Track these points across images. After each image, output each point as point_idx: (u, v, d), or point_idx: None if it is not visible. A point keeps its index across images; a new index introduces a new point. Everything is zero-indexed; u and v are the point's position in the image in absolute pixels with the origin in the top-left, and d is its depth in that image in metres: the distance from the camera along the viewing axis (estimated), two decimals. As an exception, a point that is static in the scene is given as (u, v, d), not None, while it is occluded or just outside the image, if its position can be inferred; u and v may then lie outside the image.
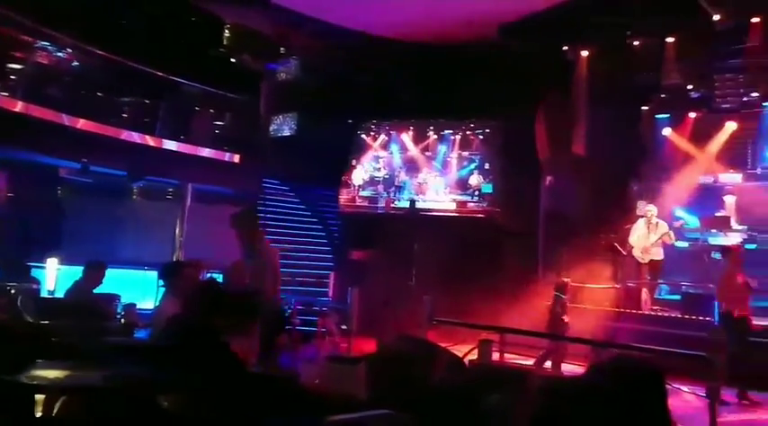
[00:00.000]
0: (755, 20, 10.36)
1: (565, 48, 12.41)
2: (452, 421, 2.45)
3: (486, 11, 11.62)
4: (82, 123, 10.44)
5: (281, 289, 9.88)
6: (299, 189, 14.48)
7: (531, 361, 7.78)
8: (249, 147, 13.15)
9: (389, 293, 11.17)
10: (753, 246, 10.68)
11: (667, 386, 1.75)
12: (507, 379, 2.94)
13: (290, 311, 9.01)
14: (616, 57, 11.93)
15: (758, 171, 12.10)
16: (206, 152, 12.47)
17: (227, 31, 13.79)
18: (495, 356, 6.05)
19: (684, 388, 5.54)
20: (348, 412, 2.25)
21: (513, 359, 6.53)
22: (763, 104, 11.76)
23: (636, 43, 11.62)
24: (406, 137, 15.40)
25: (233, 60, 13.98)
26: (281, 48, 14.71)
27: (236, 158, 12.85)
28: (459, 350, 5.04)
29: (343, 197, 14.75)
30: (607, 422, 1.56)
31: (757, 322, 8.74)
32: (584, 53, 12.37)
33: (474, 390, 2.60)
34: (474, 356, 5.37)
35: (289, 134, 15.15)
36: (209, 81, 12.71)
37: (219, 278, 6.58)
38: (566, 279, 8.89)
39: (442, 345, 3.97)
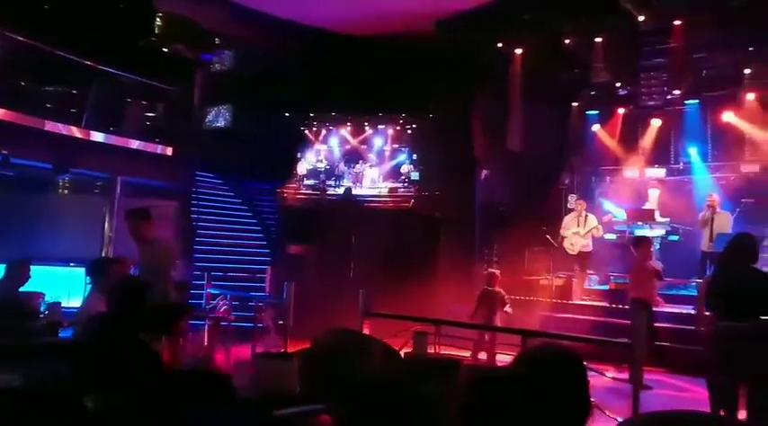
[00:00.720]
0: (677, 22, 10.82)
1: (499, 45, 12.64)
2: (386, 412, 2.47)
3: (422, 5, 11.70)
4: (2, 113, 9.92)
5: (216, 284, 9.79)
6: (234, 182, 14.24)
7: (467, 353, 7.93)
8: (182, 140, 12.81)
9: (327, 287, 11.15)
10: (675, 238, 11.21)
11: (592, 372, 1.82)
12: (440, 370, 2.99)
13: (225, 307, 8.87)
14: (548, 54, 12.23)
15: (680, 166, 12.73)
16: (136, 144, 12.06)
17: (159, 19, 13.36)
18: (433, 348, 6.13)
19: (608, 374, 5.78)
20: (280, 409, 2.24)
21: (448, 350, 6.63)
22: (685, 102, 12.35)
23: (567, 41, 11.95)
24: (345, 131, 15.49)
25: (165, 50, 13.56)
26: (216, 39, 14.38)
27: (169, 150, 12.49)
28: (396, 343, 5.08)
29: (287, 189, 14.68)
30: (532, 408, 1.62)
31: (674, 309, 9.28)
32: (518, 51, 12.64)
33: (408, 381, 2.63)
34: (410, 348, 5.42)
35: (224, 126, 14.86)
36: (141, 70, 12.29)
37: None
38: (493, 270, 9.13)
39: (379, 338, 3.99)
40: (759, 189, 10.97)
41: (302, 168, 15.14)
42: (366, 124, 15.41)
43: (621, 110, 13.05)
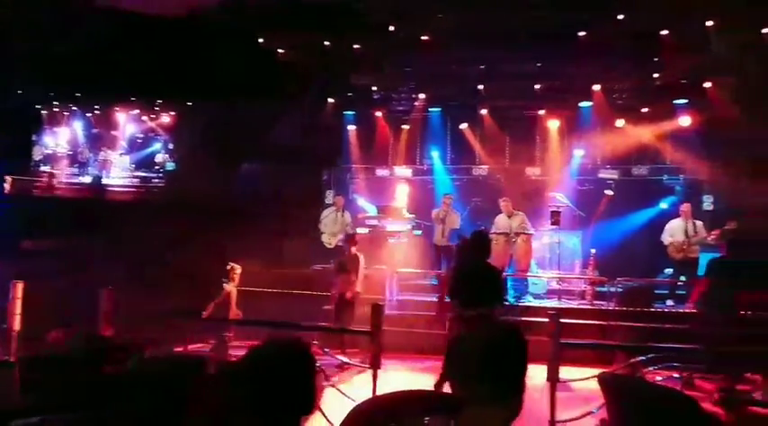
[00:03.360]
0: (425, 38, 11.87)
1: (260, 40, 12.63)
2: (130, 413, 2.39)
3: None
4: None
5: None
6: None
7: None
8: None
9: (67, 286, 10.13)
10: (419, 233, 12.31)
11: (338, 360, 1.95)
12: (186, 367, 2.95)
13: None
14: (311, 55, 12.56)
15: (424, 167, 14.04)
16: None
17: None
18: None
19: (344, 359, 6.14)
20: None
21: (200, 347, 6.51)
22: (429, 109, 13.67)
23: (326, 43, 12.39)
24: (91, 114, 14.22)
25: None
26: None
27: None
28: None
29: (20, 176, 12.94)
30: (263, 393, 1.69)
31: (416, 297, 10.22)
32: (281, 49, 12.77)
33: (150, 380, 2.56)
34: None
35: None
36: None
37: None
38: (232, 265, 9.28)
39: (127, 340, 3.78)
40: (486, 190, 12.63)
41: (38, 153, 13.50)
42: (117, 108, 14.29)
43: (379, 114, 13.93)
